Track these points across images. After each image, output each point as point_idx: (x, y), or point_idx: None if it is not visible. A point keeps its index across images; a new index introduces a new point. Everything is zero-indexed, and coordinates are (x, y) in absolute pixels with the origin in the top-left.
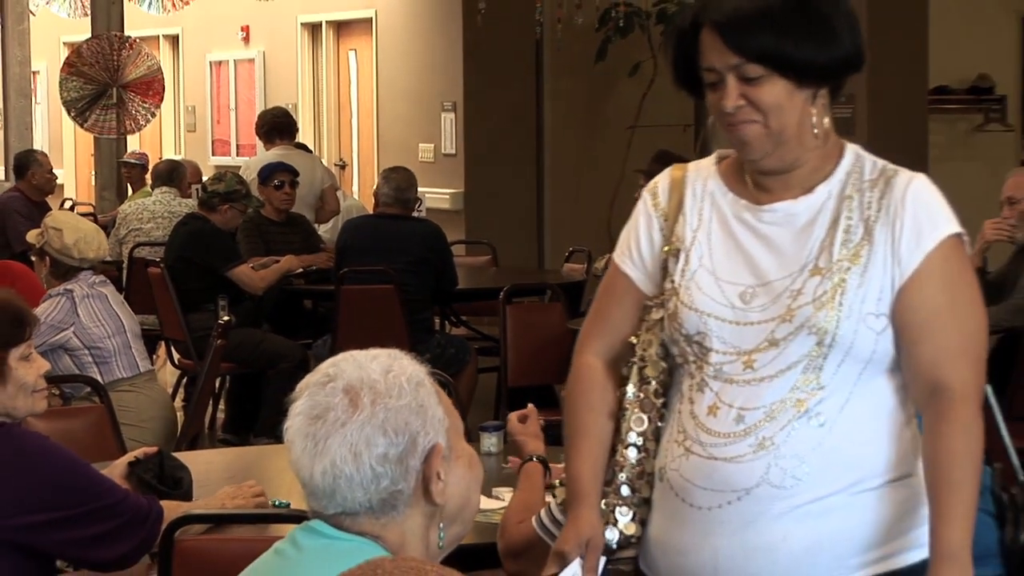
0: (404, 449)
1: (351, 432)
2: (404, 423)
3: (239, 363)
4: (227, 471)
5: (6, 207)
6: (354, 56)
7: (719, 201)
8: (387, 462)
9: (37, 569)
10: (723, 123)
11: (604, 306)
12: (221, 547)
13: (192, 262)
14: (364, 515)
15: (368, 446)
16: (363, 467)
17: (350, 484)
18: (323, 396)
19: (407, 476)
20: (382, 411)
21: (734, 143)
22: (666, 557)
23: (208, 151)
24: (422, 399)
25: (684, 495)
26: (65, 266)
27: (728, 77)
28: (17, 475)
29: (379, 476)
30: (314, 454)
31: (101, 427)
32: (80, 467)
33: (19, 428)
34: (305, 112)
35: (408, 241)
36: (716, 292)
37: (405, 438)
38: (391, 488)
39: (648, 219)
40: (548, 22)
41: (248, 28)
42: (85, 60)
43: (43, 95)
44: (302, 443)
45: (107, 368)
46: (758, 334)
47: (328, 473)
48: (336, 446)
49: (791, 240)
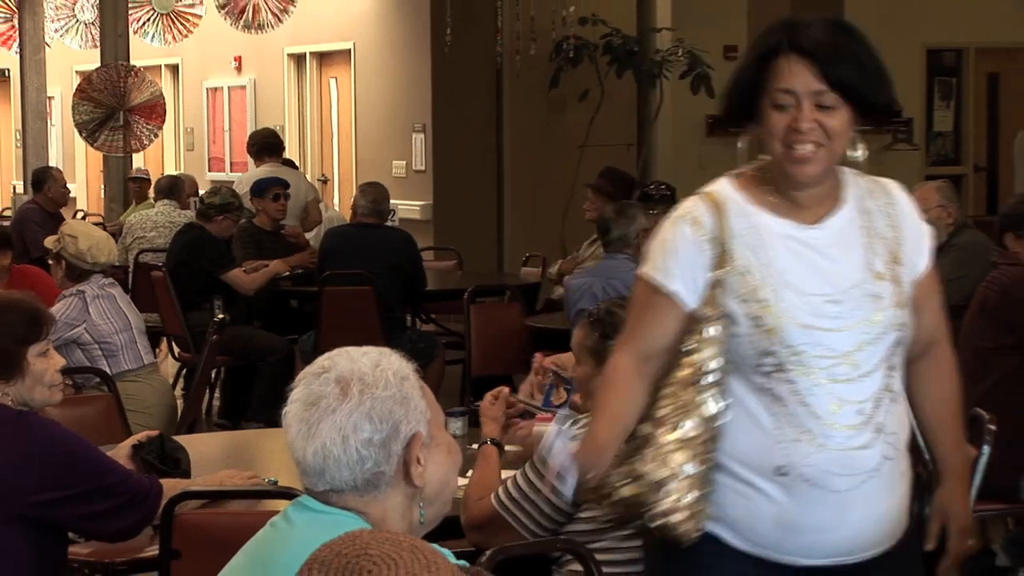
0: (387, 435)
1: (340, 418)
2: (388, 412)
3: (232, 356)
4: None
5: (24, 217)
6: (335, 83)
7: (763, 222)
8: (371, 446)
9: (53, 541)
10: (786, 142)
11: (643, 320)
12: (215, 520)
13: (190, 266)
14: (349, 492)
15: (355, 431)
16: (350, 449)
17: (338, 464)
18: (317, 385)
19: (389, 459)
20: (369, 400)
21: (791, 161)
22: (803, 535)
23: (205, 167)
24: (406, 392)
25: (822, 483)
26: (79, 269)
27: (805, 101)
28: (35, 458)
29: (364, 458)
30: (307, 436)
31: (109, 414)
32: (90, 450)
33: (35, 415)
34: (291, 133)
35: (383, 248)
36: (806, 305)
37: (388, 425)
38: (374, 469)
39: (695, 245)
40: (507, 53)
41: (240, 58)
42: (95, 87)
43: (57, 118)
44: (297, 427)
45: (115, 361)
46: (852, 337)
47: (319, 454)
48: (327, 430)
49: (843, 250)
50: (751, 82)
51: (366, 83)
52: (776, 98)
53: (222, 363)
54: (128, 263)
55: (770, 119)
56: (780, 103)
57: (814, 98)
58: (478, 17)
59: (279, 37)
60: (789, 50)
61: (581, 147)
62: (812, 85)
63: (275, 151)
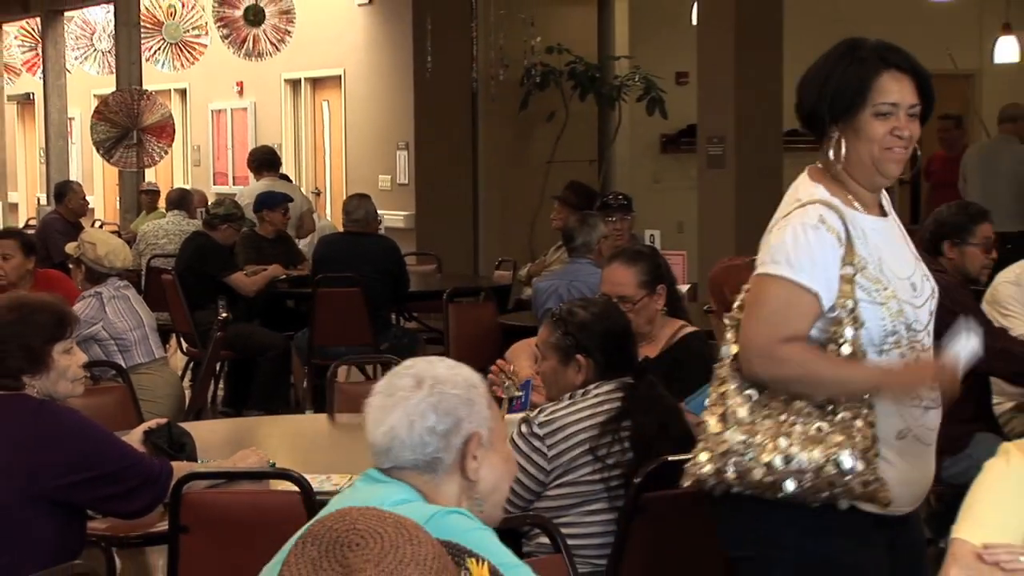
0: (449, 428)
1: (411, 406)
2: (453, 408)
3: (235, 351)
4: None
5: (48, 226)
6: (327, 105)
7: (858, 218)
8: (434, 434)
9: (73, 518)
10: (886, 144)
11: (789, 317)
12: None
13: (197, 270)
14: (410, 470)
15: (421, 417)
16: (414, 433)
17: (402, 445)
18: (397, 379)
19: (448, 449)
20: (438, 395)
21: (889, 161)
22: (908, 487)
23: (210, 181)
24: (472, 396)
25: (927, 440)
26: (97, 273)
27: (902, 113)
28: (58, 443)
29: (426, 443)
30: (380, 420)
31: (123, 403)
32: (107, 436)
33: (56, 404)
34: (288, 150)
35: (371, 253)
36: (906, 287)
37: (452, 419)
38: (434, 455)
39: (832, 249)
40: (482, 79)
41: (242, 83)
42: (111, 109)
43: (77, 137)
44: (374, 413)
45: (128, 355)
46: (927, 311)
47: (387, 434)
48: (398, 415)
49: (901, 237)
50: (852, 94)
51: (355, 105)
52: (880, 108)
53: (225, 357)
54: (141, 267)
55: (871, 126)
56: (883, 112)
57: (909, 109)
58: (455, 46)
59: (277, 64)
60: (891, 68)
61: (548, 163)
62: (910, 99)
63: (273, 167)
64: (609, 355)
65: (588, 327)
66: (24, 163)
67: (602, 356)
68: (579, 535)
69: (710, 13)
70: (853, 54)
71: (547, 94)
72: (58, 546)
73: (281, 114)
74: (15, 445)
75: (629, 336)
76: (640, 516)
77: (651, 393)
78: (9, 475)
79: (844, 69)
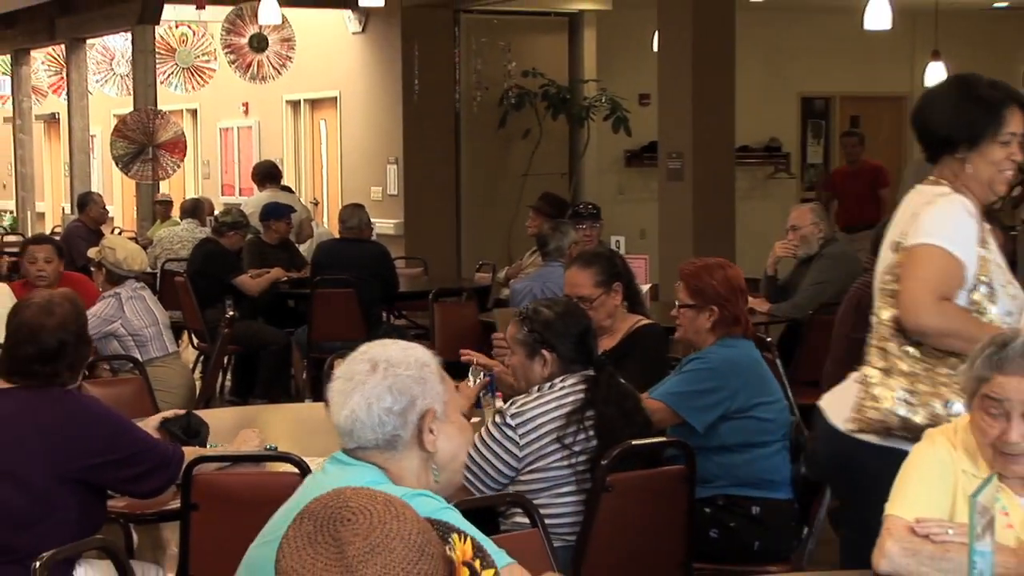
0: (404, 406)
1: (368, 389)
2: (407, 388)
3: (240, 346)
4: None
5: (71, 233)
6: (324, 124)
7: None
8: (391, 414)
9: (95, 497)
10: (1001, 168)
11: (944, 280)
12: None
13: (206, 273)
14: (372, 450)
15: (378, 400)
16: (372, 415)
17: (363, 426)
18: (355, 365)
19: (405, 426)
20: (392, 377)
21: (1000, 183)
22: None
23: (219, 192)
24: (424, 374)
25: None
26: (116, 275)
27: (1015, 142)
28: (81, 429)
29: (384, 423)
30: (342, 404)
31: (140, 393)
32: (125, 422)
33: (79, 393)
34: (288, 164)
35: (364, 257)
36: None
37: (406, 398)
38: (392, 432)
39: (974, 229)
40: (464, 99)
41: (247, 104)
42: (129, 127)
43: (98, 152)
44: (336, 397)
45: (144, 350)
46: None
47: (349, 417)
48: (357, 398)
49: None
50: (984, 124)
51: (349, 124)
52: (1004, 137)
53: (232, 351)
54: (156, 270)
55: (994, 151)
56: (1005, 141)
57: (1021, 138)
58: (439, 71)
59: (279, 87)
60: (1014, 104)
61: (524, 176)
62: (1021, 128)
63: (275, 179)
64: (571, 350)
65: (551, 325)
66: (50, 176)
67: (565, 351)
68: (550, 515)
69: (669, 41)
70: (977, 90)
71: (523, 114)
72: (82, 522)
73: (282, 131)
74: (43, 431)
75: (589, 332)
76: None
77: (611, 384)
78: (39, 458)
79: (975, 102)
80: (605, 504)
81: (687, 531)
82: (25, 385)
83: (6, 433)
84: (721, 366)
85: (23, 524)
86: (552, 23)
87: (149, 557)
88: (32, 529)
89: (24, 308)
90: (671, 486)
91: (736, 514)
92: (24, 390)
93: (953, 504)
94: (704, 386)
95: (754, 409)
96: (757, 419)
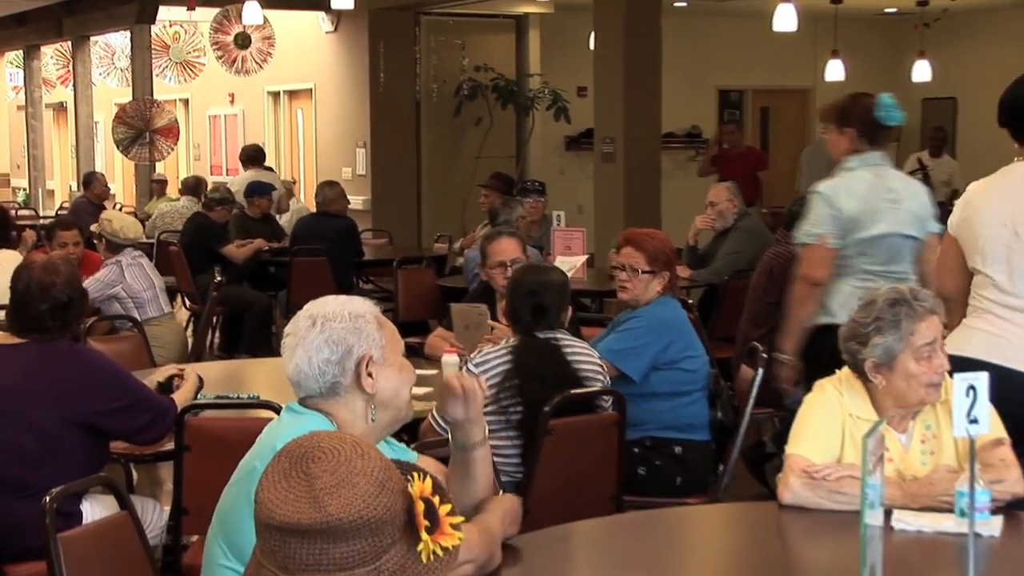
0: (341, 355)
1: (308, 343)
2: (342, 338)
3: (227, 307)
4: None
5: (78, 208)
6: (301, 112)
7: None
8: (330, 363)
9: (101, 441)
10: None
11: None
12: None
13: (197, 243)
14: (319, 398)
15: (317, 352)
16: (313, 366)
17: (307, 377)
18: (298, 322)
19: (344, 373)
20: (328, 330)
21: None
22: None
23: (208, 172)
24: (358, 325)
25: None
26: (115, 244)
27: None
28: (89, 378)
29: (324, 372)
30: (289, 358)
31: (138, 348)
32: (127, 375)
33: (85, 347)
34: (270, 147)
35: (335, 230)
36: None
37: (342, 348)
38: (332, 380)
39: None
40: (424, 90)
41: (233, 95)
42: (128, 114)
43: (101, 137)
44: (285, 352)
45: (143, 310)
46: None
47: (295, 370)
48: (300, 352)
49: None
50: None
51: (323, 112)
52: None
53: (220, 312)
54: (155, 241)
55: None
56: None
57: None
58: (402, 66)
59: (261, 79)
60: None
61: (477, 158)
62: None
63: (258, 160)
64: (513, 312)
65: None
66: (58, 157)
67: (511, 312)
68: (501, 454)
69: (604, 41)
70: None
71: (475, 104)
72: (87, 461)
73: (264, 119)
74: (55, 380)
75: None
76: (549, 438)
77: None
78: (51, 404)
79: None
80: (547, 446)
81: (618, 469)
82: (37, 339)
83: (22, 382)
84: (655, 324)
85: (36, 462)
86: (501, 24)
87: (147, 492)
88: (43, 467)
89: (30, 269)
90: (604, 430)
91: (661, 454)
92: (36, 344)
93: (842, 442)
94: (640, 342)
95: (681, 361)
96: (683, 370)
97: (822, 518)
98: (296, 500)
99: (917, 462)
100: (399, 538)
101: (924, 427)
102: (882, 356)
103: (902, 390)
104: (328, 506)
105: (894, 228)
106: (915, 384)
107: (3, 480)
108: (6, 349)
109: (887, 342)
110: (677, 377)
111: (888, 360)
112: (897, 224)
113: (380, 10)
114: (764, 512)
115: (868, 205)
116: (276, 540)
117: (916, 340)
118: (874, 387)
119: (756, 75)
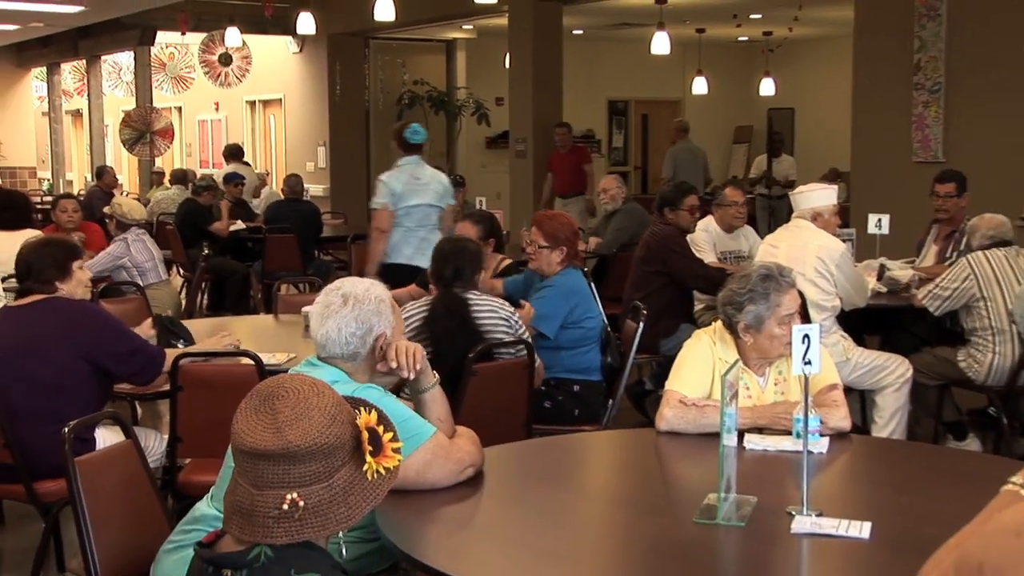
0: (365, 332)
1: (340, 317)
2: (367, 318)
3: (213, 275)
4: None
5: (91, 195)
6: (273, 118)
7: None
8: (355, 337)
9: (105, 379)
10: None
11: None
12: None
13: (188, 222)
14: (338, 359)
15: (346, 326)
16: (342, 336)
17: (334, 344)
18: (332, 296)
19: (364, 346)
20: (357, 309)
21: None
22: None
23: (197, 166)
24: (380, 308)
25: None
26: (123, 223)
27: None
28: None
29: (349, 343)
30: (320, 325)
31: (141, 308)
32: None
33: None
34: (248, 145)
35: (301, 213)
36: None
37: (366, 326)
38: (355, 350)
39: None
40: (372, 101)
41: (218, 103)
42: (132, 119)
43: (111, 137)
44: (315, 319)
45: (144, 277)
46: None
47: (324, 336)
48: (331, 323)
49: None
50: None
51: (291, 117)
52: None
53: (207, 279)
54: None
55: None
56: None
57: None
58: (355, 80)
59: (241, 91)
60: None
61: None
62: None
63: (239, 156)
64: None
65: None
66: (76, 154)
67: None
68: None
69: (517, 60)
70: None
71: (414, 111)
72: (94, 397)
73: (243, 123)
74: (66, 324)
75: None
76: (473, 378)
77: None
78: (64, 343)
79: None
80: (472, 385)
81: (528, 403)
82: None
83: (40, 328)
84: (566, 290)
85: (53, 391)
86: (434, 47)
87: (150, 424)
88: (59, 395)
89: (32, 242)
90: (518, 372)
91: (563, 391)
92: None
93: (712, 380)
94: (553, 307)
95: (583, 321)
96: (584, 328)
97: (689, 440)
98: (263, 430)
99: (771, 399)
100: (348, 460)
101: (777, 373)
102: (752, 320)
103: (766, 347)
104: (288, 435)
105: (424, 200)
106: (776, 343)
107: (27, 408)
108: (24, 307)
109: (757, 310)
110: (578, 333)
111: (757, 324)
112: (426, 198)
113: (337, 35)
114: (644, 437)
115: (408, 187)
116: (248, 462)
117: (781, 311)
118: (743, 342)
119: (638, 89)
